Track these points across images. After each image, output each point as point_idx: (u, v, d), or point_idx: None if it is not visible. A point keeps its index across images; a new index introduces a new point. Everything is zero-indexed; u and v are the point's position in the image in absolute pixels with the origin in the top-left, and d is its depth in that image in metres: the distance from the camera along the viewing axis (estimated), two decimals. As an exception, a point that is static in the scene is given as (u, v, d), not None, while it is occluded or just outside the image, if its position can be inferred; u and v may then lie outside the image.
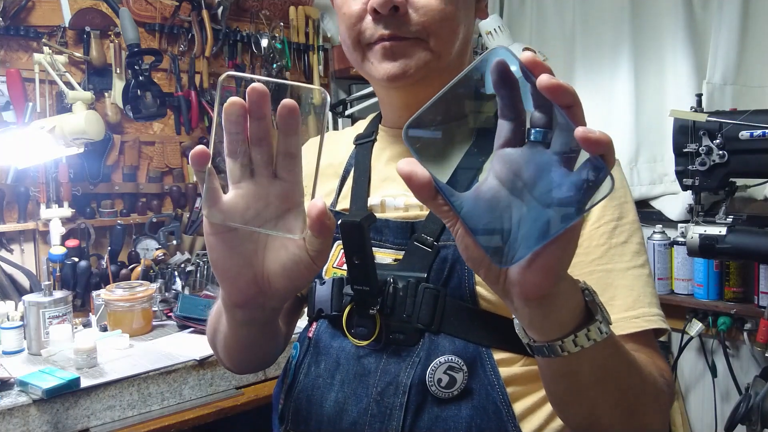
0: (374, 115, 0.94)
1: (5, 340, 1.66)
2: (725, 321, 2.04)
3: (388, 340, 0.74)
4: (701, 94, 1.96)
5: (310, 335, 0.81)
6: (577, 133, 0.40)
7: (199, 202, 2.35)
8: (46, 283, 1.71)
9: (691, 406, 2.27)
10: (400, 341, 0.73)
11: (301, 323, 0.91)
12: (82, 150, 1.78)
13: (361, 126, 0.95)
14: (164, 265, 2.13)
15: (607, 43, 2.43)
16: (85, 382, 1.44)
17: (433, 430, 0.70)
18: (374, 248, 0.78)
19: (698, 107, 1.92)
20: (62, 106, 1.97)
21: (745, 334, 2.02)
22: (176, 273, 2.11)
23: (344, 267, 0.77)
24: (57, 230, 1.96)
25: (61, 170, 2.02)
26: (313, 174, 0.55)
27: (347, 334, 0.76)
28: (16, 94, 1.95)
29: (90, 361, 1.53)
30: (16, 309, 1.77)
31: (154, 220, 2.25)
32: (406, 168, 0.46)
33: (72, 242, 2.03)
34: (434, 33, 0.75)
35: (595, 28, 2.48)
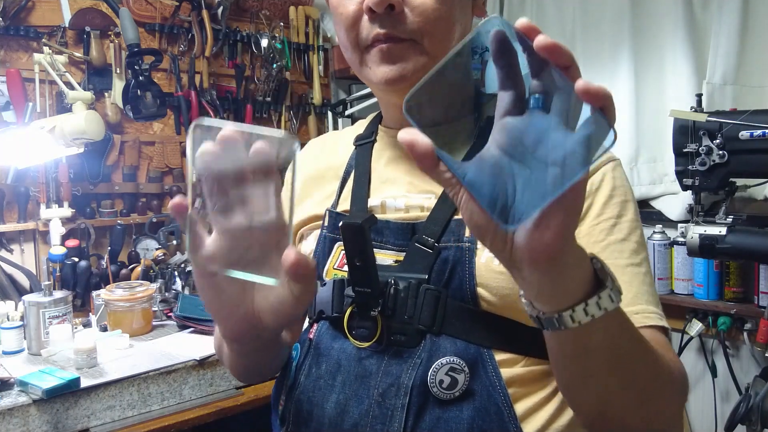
0: (374, 115, 0.94)
1: (5, 340, 1.66)
2: (725, 321, 2.04)
3: (390, 341, 0.73)
4: (701, 94, 1.96)
5: (311, 337, 0.81)
6: (577, 86, 0.40)
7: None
8: (46, 283, 1.71)
9: (691, 406, 2.27)
10: (402, 343, 0.73)
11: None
12: (82, 150, 1.78)
13: (361, 126, 0.94)
14: (164, 265, 2.13)
15: (607, 43, 2.43)
16: (85, 382, 1.44)
17: None
18: (375, 249, 0.78)
19: (698, 107, 1.92)
20: (62, 106, 1.97)
21: (745, 334, 2.02)
22: (176, 273, 2.11)
23: (345, 268, 0.77)
24: (57, 230, 1.96)
25: (61, 170, 2.02)
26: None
27: (348, 336, 0.76)
28: (16, 94, 1.95)
29: (90, 361, 1.53)
30: (16, 309, 1.77)
31: (154, 220, 2.26)
32: (407, 137, 0.45)
33: (72, 242, 2.03)
34: (429, 33, 0.74)
35: (595, 28, 2.48)
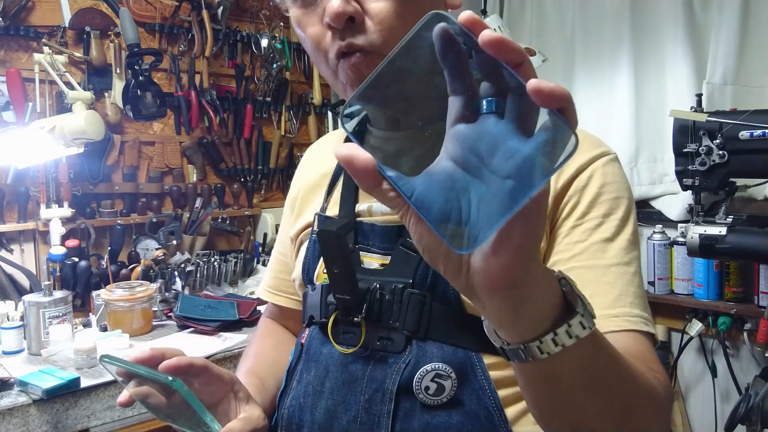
0: None
1: (5, 340, 1.66)
2: (725, 321, 2.04)
3: (375, 346, 0.73)
4: (701, 94, 1.96)
5: (303, 342, 0.81)
6: (528, 87, 0.35)
7: (198, 202, 2.36)
8: (46, 283, 1.71)
9: (691, 406, 2.27)
10: (387, 348, 0.72)
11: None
12: (82, 150, 1.78)
13: None
14: (164, 265, 2.13)
15: (607, 43, 2.43)
16: (85, 382, 1.44)
17: None
18: (361, 252, 0.77)
19: (698, 107, 1.92)
20: (62, 106, 1.97)
21: (745, 334, 2.02)
22: (176, 273, 2.11)
23: None
24: (57, 230, 1.96)
25: (61, 170, 2.02)
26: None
27: (333, 342, 0.75)
28: (16, 94, 1.95)
29: (90, 361, 1.53)
30: (16, 309, 1.77)
31: (154, 220, 2.25)
32: (344, 152, 0.40)
33: (72, 242, 2.03)
34: (393, 42, 0.66)
35: (595, 28, 2.47)
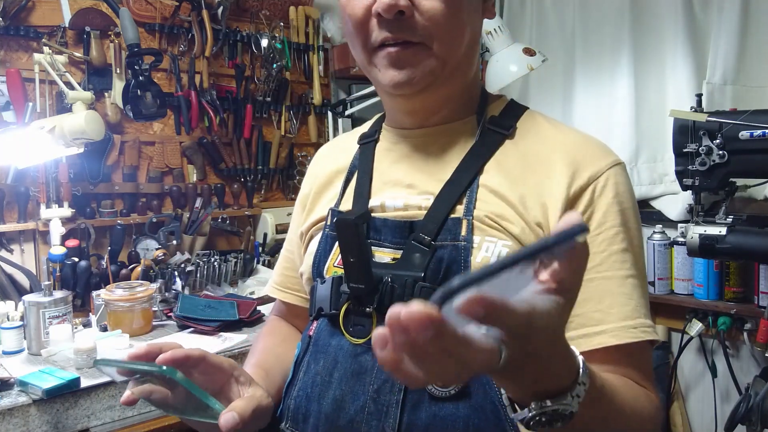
0: (379, 115, 0.95)
1: (5, 340, 1.66)
2: (725, 321, 2.04)
3: None
4: (701, 94, 1.96)
5: (311, 334, 0.82)
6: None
7: (198, 202, 2.36)
8: (46, 283, 1.71)
9: (691, 406, 2.27)
10: None
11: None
12: (82, 150, 1.78)
13: (366, 126, 0.96)
14: (164, 265, 2.13)
15: (607, 43, 2.43)
16: (85, 382, 1.44)
17: (430, 429, 0.70)
18: (373, 247, 0.78)
19: (698, 107, 1.92)
20: (62, 106, 1.97)
21: (745, 334, 2.02)
22: (176, 273, 2.11)
23: None
24: (57, 230, 1.96)
25: (61, 170, 2.02)
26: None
27: (344, 332, 0.76)
28: (16, 94, 1.95)
29: (90, 361, 1.53)
30: (16, 309, 1.77)
31: (154, 220, 2.25)
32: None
33: (72, 242, 2.03)
34: (439, 37, 0.74)
35: (595, 28, 2.48)
